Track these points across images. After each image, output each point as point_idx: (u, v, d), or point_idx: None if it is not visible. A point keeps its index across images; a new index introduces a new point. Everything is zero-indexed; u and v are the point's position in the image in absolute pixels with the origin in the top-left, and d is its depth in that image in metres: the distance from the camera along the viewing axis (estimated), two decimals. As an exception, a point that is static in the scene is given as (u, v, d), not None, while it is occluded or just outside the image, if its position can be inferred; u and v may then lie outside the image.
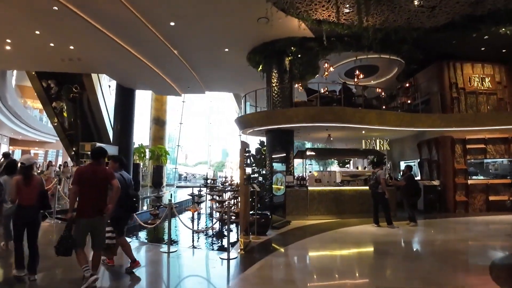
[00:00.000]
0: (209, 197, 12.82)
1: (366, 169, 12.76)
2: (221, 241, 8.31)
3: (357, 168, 17.20)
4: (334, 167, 24.97)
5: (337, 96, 11.82)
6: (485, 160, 12.36)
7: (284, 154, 10.52)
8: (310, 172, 12.99)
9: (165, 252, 5.98)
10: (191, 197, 13.38)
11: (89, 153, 14.62)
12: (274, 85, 11.72)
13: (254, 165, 11.38)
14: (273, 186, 9.30)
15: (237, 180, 21.27)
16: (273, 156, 9.90)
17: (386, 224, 8.86)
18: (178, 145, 25.61)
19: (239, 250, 6.15)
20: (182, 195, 16.32)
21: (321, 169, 22.29)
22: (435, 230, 8.98)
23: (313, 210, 9.92)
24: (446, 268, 5.40)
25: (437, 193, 12.07)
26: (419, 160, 13.66)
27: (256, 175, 11.18)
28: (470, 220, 10.37)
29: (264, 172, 11.35)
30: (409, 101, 14.30)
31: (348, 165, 18.78)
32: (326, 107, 11.04)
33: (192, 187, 14.17)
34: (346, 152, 12.42)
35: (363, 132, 12.49)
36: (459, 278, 4.99)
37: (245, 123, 11.92)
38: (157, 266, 5.59)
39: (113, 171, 4.58)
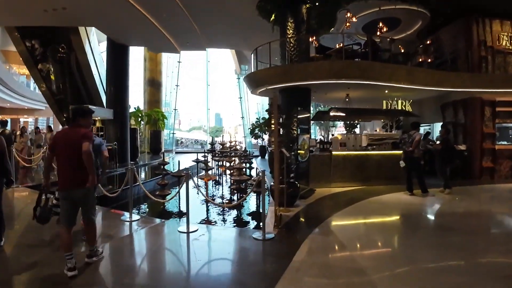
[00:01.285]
0: (215, 163, 11.59)
1: (393, 131, 11.54)
2: (240, 215, 7.15)
3: (367, 131, 16.06)
4: (336, 131, 23.86)
5: (362, 50, 10.30)
6: (513, 124, 11.30)
7: (308, 115, 9.16)
8: (332, 135, 11.73)
9: (184, 232, 4.75)
10: (195, 163, 12.17)
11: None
12: (290, 36, 10.08)
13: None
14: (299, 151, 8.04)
15: (242, 145, 20.25)
16: (299, 117, 8.53)
17: (421, 192, 7.81)
18: (175, 109, 23.92)
19: (273, 227, 4.96)
20: (184, 161, 15.01)
21: (322, 134, 21.03)
22: (474, 199, 7.97)
23: (337, 177, 8.77)
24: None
25: (463, 159, 11.03)
26: (441, 123, 12.48)
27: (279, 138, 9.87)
28: (500, 187, 9.42)
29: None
30: (429, 60, 12.89)
31: (355, 129, 17.52)
32: (353, 61, 9.58)
33: (197, 152, 12.84)
34: (376, 112, 11.10)
35: (386, 91, 11.14)
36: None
37: (257, 81, 10.40)
38: (175, 251, 4.37)
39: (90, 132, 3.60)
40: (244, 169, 8.19)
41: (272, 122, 10.15)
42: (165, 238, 4.84)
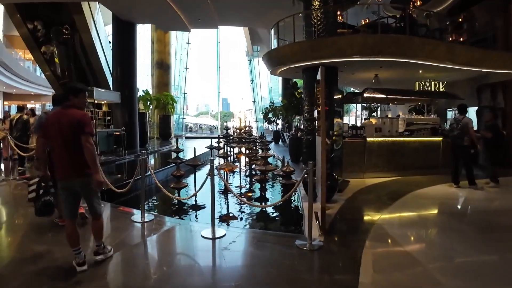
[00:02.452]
0: (230, 150, 10.55)
1: (431, 115, 10.32)
2: (266, 212, 6.14)
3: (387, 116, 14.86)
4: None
5: (397, 24, 9.03)
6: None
7: (339, 96, 8.03)
8: (365, 119, 10.59)
9: (209, 238, 3.76)
10: (209, 149, 11.17)
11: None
12: (315, 8, 8.82)
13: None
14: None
15: (254, 130, 19.15)
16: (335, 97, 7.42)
17: (468, 184, 6.74)
18: (185, 93, 22.74)
19: (319, 232, 3.94)
20: (197, 147, 14.03)
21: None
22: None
23: (370, 166, 7.70)
24: None
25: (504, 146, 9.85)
26: (476, 107, 11.26)
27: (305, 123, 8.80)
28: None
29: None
30: (461, 39, 11.54)
31: (374, 114, 16.21)
32: (390, 35, 8.34)
33: (210, 138, 11.82)
34: (417, 94, 9.87)
35: (420, 71, 9.91)
36: None
37: (278, 58, 9.22)
38: (200, 266, 3.37)
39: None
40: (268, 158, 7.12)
41: (306, 105, 9.02)
42: (186, 246, 3.82)
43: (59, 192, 3.19)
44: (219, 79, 25.44)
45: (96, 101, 11.38)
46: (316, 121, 4.72)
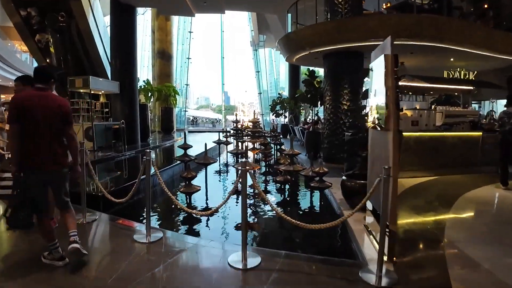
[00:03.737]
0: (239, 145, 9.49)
1: (469, 108, 9.28)
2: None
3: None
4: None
5: (432, 5, 7.92)
6: None
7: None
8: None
9: (239, 269, 2.73)
10: (216, 144, 10.13)
11: (81, 90, 10.99)
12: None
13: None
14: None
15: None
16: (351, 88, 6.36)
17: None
18: (187, 84, 21.53)
19: (385, 258, 2.90)
20: (202, 142, 12.96)
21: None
22: None
23: (406, 164, 6.66)
24: None
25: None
26: (506, 100, 10.21)
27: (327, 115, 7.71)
28: None
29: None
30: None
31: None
32: (428, 15, 7.26)
33: (218, 131, 10.75)
34: (465, 82, 8.80)
35: (452, 59, 8.84)
36: None
37: (298, 42, 8.11)
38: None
39: None
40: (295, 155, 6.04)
41: (328, 95, 7.94)
42: (209, 283, 2.71)
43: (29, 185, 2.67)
44: (223, 70, 24.11)
45: (92, 92, 10.25)
46: (372, 111, 3.66)
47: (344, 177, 4.81)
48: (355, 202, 4.67)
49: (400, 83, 7.33)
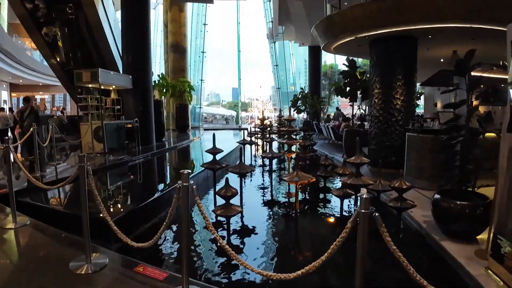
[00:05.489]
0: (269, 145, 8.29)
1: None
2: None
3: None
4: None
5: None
6: None
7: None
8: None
9: None
10: (240, 145, 8.94)
11: (89, 85, 9.88)
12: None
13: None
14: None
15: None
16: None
17: None
18: (202, 80, 20.35)
19: None
20: (222, 142, 11.72)
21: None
22: None
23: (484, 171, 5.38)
24: None
25: None
26: None
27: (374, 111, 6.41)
28: None
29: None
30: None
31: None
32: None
33: (242, 129, 9.54)
34: None
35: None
36: None
37: (342, 25, 6.79)
38: None
39: None
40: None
41: (377, 87, 6.68)
42: None
43: None
44: (240, 64, 22.77)
45: (102, 87, 9.14)
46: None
47: (437, 195, 3.62)
48: (455, 231, 3.47)
49: (473, 73, 5.98)
